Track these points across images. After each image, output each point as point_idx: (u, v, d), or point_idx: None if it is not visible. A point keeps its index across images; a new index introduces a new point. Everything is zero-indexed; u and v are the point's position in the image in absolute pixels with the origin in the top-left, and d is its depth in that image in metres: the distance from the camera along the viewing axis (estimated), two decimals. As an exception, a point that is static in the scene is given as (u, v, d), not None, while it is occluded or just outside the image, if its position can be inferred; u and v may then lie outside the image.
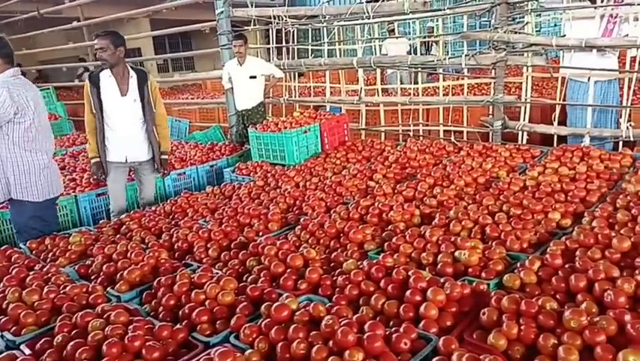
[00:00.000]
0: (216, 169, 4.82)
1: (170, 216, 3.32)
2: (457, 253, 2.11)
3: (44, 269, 2.34)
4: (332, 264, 2.25)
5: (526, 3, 4.44)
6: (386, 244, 2.32)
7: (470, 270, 2.03)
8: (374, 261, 2.08)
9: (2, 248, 2.71)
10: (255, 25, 5.98)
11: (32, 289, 2.04)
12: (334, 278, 2.03)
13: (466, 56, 4.66)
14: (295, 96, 6.15)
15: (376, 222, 2.68)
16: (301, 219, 2.82)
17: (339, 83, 6.08)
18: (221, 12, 5.59)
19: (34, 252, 2.78)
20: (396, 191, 3.14)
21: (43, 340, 1.75)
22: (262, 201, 3.32)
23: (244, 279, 2.14)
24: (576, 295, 1.73)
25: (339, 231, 2.59)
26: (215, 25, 5.82)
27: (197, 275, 2.06)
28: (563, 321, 1.52)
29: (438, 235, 2.28)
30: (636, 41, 3.74)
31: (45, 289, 2.04)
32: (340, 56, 6.23)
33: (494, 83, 4.64)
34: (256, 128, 4.71)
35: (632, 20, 4.10)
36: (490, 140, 4.61)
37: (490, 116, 4.77)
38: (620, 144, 4.01)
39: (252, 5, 5.74)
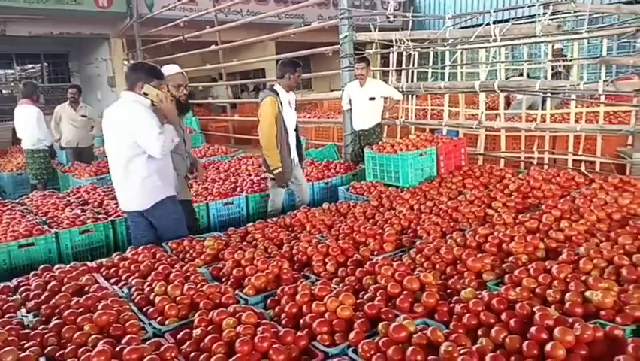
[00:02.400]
0: (331, 186, 5.00)
1: (290, 229, 3.52)
2: (588, 293, 1.98)
3: (184, 268, 2.63)
4: (448, 290, 2.24)
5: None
6: (507, 276, 2.24)
7: (603, 313, 1.89)
8: (495, 293, 2.03)
9: (149, 246, 3.08)
10: (376, 48, 6.13)
11: (175, 285, 2.31)
12: (451, 305, 2.02)
13: (604, 81, 4.32)
14: (411, 118, 6.16)
15: (495, 252, 2.60)
16: (416, 243, 2.83)
17: (458, 107, 5.97)
18: (345, 36, 5.83)
19: (174, 251, 3.12)
20: (517, 221, 3.01)
21: (183, 331, 1.98)
22: (377, 221, 3.38)
23: (360, 296, 2.22)
24: None
25: (455, 257, 2.55)
26: (337, 48, 6.07)
27: (317, 288, 2.18)
28: None
29: (566, 271, 2.15)
30: None
31: (185, 286, 2.30)
32: (462, 79, 6.13)
33: (636, 111, 4.25)
34: (372, 149, 4.80)
35: None
36: (628, 173, 4.20)
37: (629, 147, 4.35)
38: None
39: (374, 29, 5.90)
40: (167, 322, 2.11)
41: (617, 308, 1.90)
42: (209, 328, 1.93)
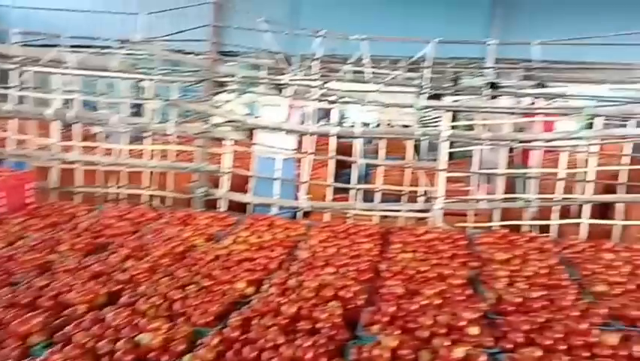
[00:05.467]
0: None
1: None
2: (139, 337, 2.01)
3: None
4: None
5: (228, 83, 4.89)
6: (57, 334, 2.03)
7: (152, 354, 1.95)
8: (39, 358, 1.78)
9: None
10: None
11: None
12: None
13: (176, 122, 4.75)
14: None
15: (51, 307, 2.34)
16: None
17: (28, 135, 5.29)
18: None
19: None
20: (81, 266, 2.83)
21: None
22: None
23: None
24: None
25: (-2, 321, 2.14)
26: None
27: None
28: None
29: (121, 317, 2.13)
30: (309, 128, 4.54)
31: None
32: (33, 104, 5.47)
33: (199, 151, 4.85)
34: None
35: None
36: (193, 206, 4.73)
37: (195, 183, 4.93)
38: (299, 213, 4.69)
39: None
40: None
41: (164, 347, 2.01)
42: None
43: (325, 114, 6.73)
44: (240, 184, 5.10)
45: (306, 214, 4.66)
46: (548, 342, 2.10)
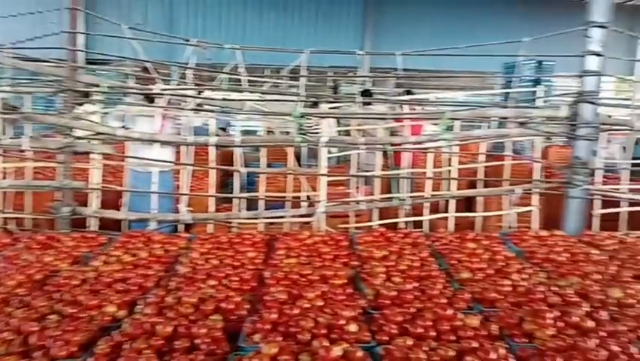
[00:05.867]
0: None
1: None
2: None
3: None
4: None
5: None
6: None
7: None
8: None
9: None
10: None
11: None
12: None
13: (31, 137, 4.28)
14: None
15: None
16: None
17: None
18: None
19: None
20: None
21: None
22: None
23: None
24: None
25: None
26: None
27: None
28: None
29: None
30: (186, 138, 4.37)
31: None
32: None
33: (61, 167, 4.41)
34: None
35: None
36: (57, 228, 4.29)
37: (58, 202, 4.47)
38: (180, 227, 4.49)
39: None
40: None
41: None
42: None
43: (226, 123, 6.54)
44: (114, 200, 4.74)
45: (188, 227, 4.48)
46: (420, 330, 2.24)
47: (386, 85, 12.70)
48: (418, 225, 4.73)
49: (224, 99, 4.31)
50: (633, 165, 4.99)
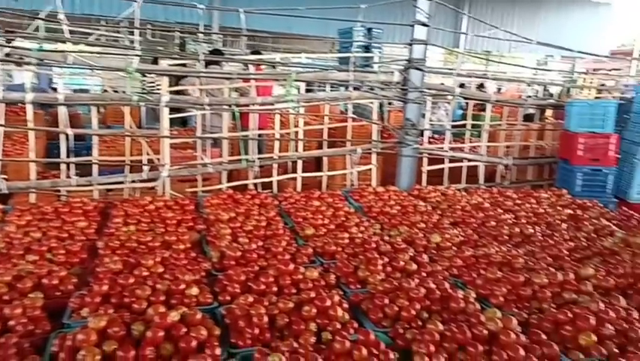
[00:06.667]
0: None
1: None
2: None
3: None
4: None
5: None
6: None
7: None
8: None
9: None
10: None
11: None
12: None
13: None
14: None
15: None
16: None
17: None
18: None
19: None
20: None
21: None
22: None
23: None
24: None
25: None
26: None
27: None
28: None
29: None
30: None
31: None
32: None
33: None
34: None
35: None
36: None
37: None
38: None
39: None
40: None
41: None
42: None
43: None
44: None
45: (5, 198, 3.87)
46: (262, 287, 2.27)
47: (239, 46, 12.34)
48: (267, 186, 4.77)
49: (40, 50, 3.70)
50: (454, 126, 5.63)
